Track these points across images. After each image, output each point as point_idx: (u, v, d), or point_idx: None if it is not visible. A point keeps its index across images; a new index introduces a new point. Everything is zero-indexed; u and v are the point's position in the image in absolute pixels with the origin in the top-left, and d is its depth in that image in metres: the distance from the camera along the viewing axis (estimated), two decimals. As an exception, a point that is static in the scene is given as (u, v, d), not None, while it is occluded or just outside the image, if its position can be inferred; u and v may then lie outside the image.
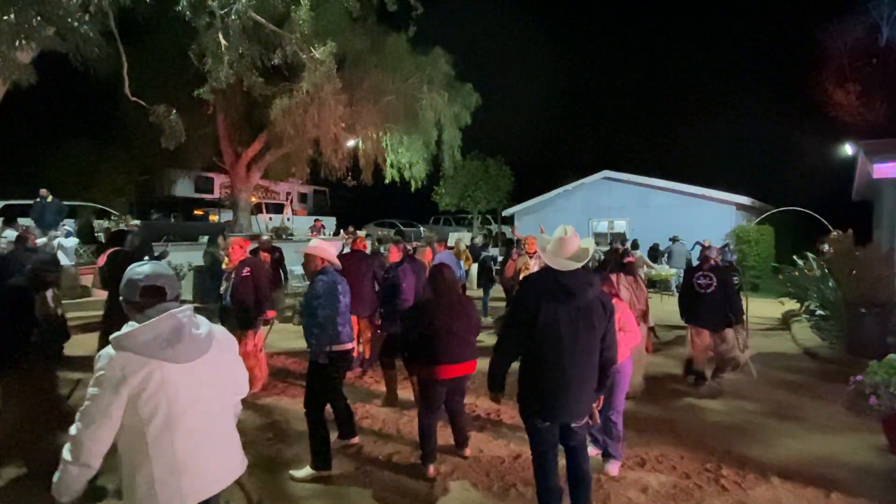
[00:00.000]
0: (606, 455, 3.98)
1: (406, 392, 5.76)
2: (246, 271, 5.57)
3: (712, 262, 6.17)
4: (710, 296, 5.94)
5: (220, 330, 2.19)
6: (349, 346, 4.06)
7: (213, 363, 2.08)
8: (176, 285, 2.11)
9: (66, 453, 1.87)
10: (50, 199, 12.14)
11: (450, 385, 3.95)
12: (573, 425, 2.92)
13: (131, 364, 1.87)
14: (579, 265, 2.84)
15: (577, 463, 3.01)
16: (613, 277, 5.58)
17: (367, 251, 7.36)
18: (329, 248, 4.17)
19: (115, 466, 2.01)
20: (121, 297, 2.04)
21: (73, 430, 1.87)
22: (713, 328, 5.95)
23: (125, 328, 1.95)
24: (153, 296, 2.01)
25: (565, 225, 2.98)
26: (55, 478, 1.89)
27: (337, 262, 4.13)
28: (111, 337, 1.93)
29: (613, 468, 3.93)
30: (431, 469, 3.90)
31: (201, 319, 2.13)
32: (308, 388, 3.99)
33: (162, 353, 1.91)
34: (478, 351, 4.06)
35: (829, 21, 19.69)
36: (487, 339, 7.18)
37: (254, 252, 7.69)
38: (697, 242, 13.37)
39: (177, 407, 1.94)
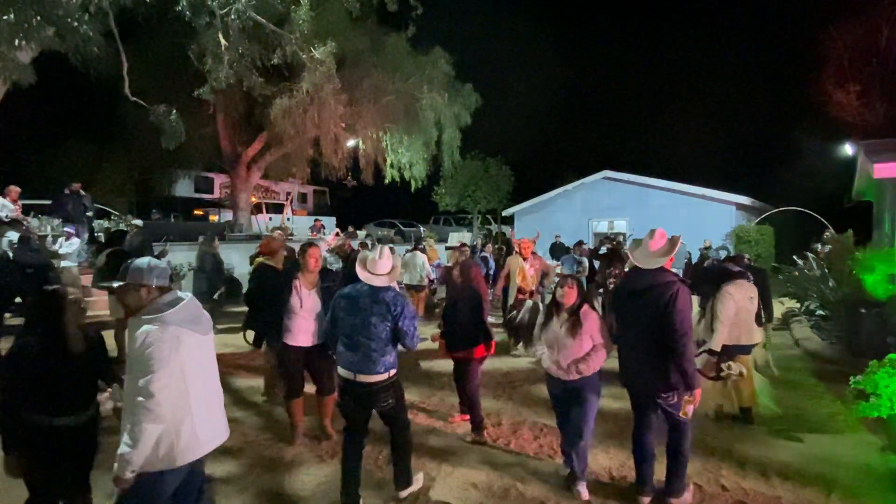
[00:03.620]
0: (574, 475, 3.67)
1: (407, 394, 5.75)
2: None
3: (745, 262, 6.05)
4: None
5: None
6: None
7: (210, 341, 2.53)
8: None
9: (140, 415, 2.17)
10: (83, 193, 10.93)
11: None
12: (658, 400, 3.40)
13: (179, 332, 2.31)
14: (666, 259, 3.38)
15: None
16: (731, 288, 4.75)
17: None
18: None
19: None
20: (152, 284, 2.40)
21: (141, 397, 2.17)
22: None
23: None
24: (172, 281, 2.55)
25: (653, 228, 3.50)
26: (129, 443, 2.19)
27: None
28: (161, 315, 2.30)
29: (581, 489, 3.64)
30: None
31: None
32: None
33: (194, 326, 2.39)
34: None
35: (829, 21, 19.66)
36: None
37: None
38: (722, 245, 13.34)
39: (189, 371, 2.32)
